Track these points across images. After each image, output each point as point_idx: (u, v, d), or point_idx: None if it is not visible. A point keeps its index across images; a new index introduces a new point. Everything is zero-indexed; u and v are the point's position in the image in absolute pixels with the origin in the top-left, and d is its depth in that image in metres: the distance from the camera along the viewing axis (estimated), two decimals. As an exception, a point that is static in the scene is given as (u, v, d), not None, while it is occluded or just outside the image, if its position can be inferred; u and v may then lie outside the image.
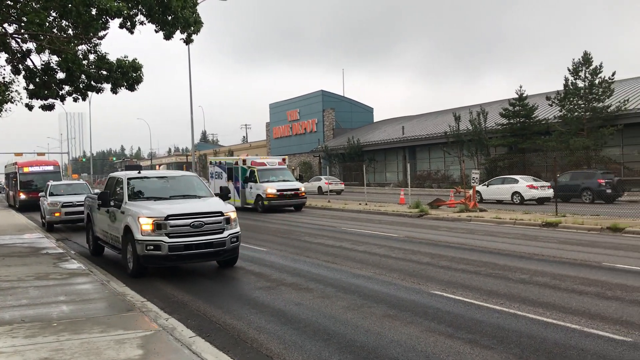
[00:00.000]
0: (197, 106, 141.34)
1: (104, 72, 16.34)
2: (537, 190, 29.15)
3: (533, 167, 38.81)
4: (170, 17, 15.17)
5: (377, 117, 75.19)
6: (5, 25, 15.47)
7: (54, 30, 15.46)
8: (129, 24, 15.37)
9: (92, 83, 16.66)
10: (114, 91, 16.85)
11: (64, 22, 15.65)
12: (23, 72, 16.94)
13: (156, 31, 15.71)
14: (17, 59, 16.45)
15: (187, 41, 16.46)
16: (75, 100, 17.57)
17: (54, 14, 15.04)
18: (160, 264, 11.16)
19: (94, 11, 14.04)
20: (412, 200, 27.03)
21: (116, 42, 22.77)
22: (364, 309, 8.37)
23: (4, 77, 17.45)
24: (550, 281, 9.99)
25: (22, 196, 35.30)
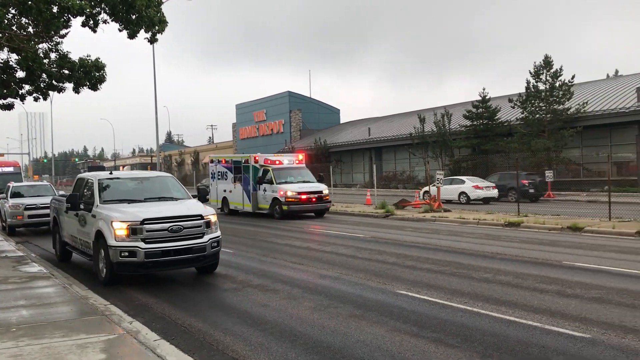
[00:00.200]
0: (162, 106, 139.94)
1: (66, 72, 16.00)
2: (482, 190, 30.82)
3: (496, 168, 39.54)
4: (134, 16, 14.95)
5: (343, 119, 75.66)
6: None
7: (13, 28, 15.09)
8: (91, 22, 15.08)
9: (54, 82, 16.29)
10: (76, 91, 16.50)
11: (23, 20, 15.27)
12: (-20, 71, 16.49)
13: (120, 30, 15.46)
14: (-27, 56, 16.00)
15: (152, 40, 16.24)
16: (36, 99, 17.15)
17: (13, 11, 14.66)
18: (135, 272, 10.52)
19: (55, 9, 13.73)
20: (378, 201, 27.22)
21: (79, 41, 22.31)
22: (331, 310, 8.40)
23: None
24: (512, 280, 10.19)
25: None
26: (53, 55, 16.20)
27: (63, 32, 15.32)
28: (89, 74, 15.99)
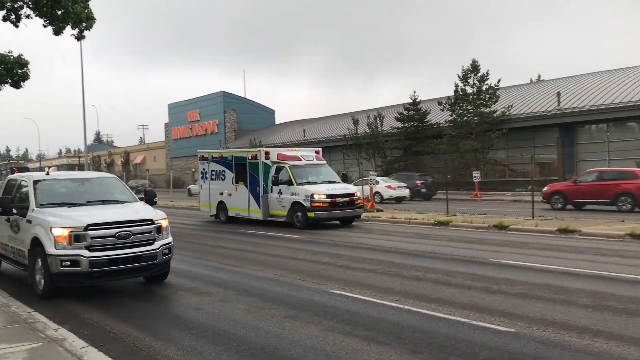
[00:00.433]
0: (91, 105, 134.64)
1: (-15, 68, 15.25)
2: (394, 190, 32.86)
3: (426, 169, 40.70)
4: (60, 12, 14.44)
5: (278, 119, 75.70)
6: None
7: None
8: (13, 16, 14.44)
9: (-29, 79, 15.50)
10: (-4, 88, 15.76)
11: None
12: None
13: (45, 26, 14.88)
14: None
15: (79, 37, 15.74)
16: (-48, 97, 16.25)
17: None
18: (79, 283, 9.48)
19: (-28, 2, 13.07)
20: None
21: (0, 37, 21.28)
22: (265, 311, 8.38)
23: None
24: (442, 277, 10.51)
25: None
26: (-29, 51, 15.40)
27: (-18, 26, 14.59)
28: (11, 71, 15.31)
